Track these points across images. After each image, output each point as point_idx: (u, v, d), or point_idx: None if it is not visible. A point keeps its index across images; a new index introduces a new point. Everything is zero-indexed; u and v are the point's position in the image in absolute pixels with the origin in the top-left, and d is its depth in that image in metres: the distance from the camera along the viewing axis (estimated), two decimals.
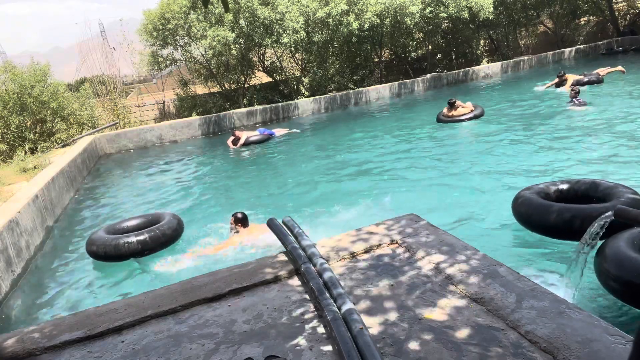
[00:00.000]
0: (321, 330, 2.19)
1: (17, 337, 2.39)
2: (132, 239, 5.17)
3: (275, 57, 18.93)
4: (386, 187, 7.12)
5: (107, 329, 2.38)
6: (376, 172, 7.97)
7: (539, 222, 4.33)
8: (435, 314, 2.21)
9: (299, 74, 18.63)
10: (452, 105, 11.19)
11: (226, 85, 17.79)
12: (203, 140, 14.30)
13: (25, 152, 11.34)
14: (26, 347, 2.30)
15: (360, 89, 17.73)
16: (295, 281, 2.70)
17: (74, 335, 2.35)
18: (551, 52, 22.28)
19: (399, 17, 17.65)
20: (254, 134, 12.05)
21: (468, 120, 10.86)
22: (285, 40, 15.35)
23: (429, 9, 17.78)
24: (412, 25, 18.05)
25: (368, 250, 2.94)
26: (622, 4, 25.92)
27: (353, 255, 2.90)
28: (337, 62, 18.71)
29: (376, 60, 20.72)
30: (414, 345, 2.00)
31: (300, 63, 18.87)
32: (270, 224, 3.36)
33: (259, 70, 18.59)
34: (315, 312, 2.34)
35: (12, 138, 12.52)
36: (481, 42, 23.60)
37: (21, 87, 12.52)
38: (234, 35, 14.72)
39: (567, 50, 22.50)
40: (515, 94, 14.21)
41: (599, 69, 13.92)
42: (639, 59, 18.70)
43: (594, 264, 3.51)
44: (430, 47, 21.94)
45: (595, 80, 13.23)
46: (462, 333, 2.05)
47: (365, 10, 16.53)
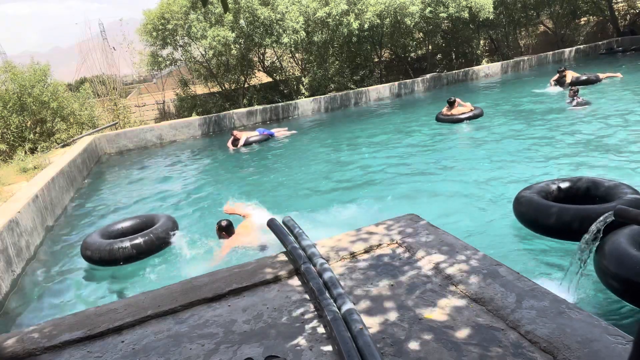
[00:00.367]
0: (321, 330, 2.19)
1: (17, 337, 2.39)
2: (127, 243, 5.13)
3: (275, 57, 18.93)
4: (386, 186, 7.12)
5: (107, 329, 2.38)
6: (376, 172, 7.97)
7: (541, 223, 4.31)
8: (435, 314, 2.21)
9: (299, 74, 18.63)
10: (451, 104, 11.19)
11: (226, 85, 17.79)
12: (203, 140, 14.29)
13: (25, 152, 11.34)
14: (26, 347, 2.30)
15: (360, 89, 17.73)
16: (295, 281, 2.70)
17: (74, 335, 2.35)
18: (551, 52, 22.28)
19: (399, 17, 17.65)
20: (254, 135, 12.04)
21: (467, 119, 10.86)
22: (285, 40, 15.35)
23: (429, 9, 17.78)
24: (412, 25, 18.05)
25: (368, 250, 2.94)
26: (622, 4, 25.92)
27: (353, 255, 2.90)
28: (337, 62, 18.71)
29: (376, 60, 20.72)
30: (414, 345, 2.00)
31: (300, 63, 18.87)
32: (270, 224, 3.36)
33: (259, 70, 18.60)
34: (315, 312, 2.34)
35: (12, 138, 12.52)
36: (481, 42, 23.60)
37: (21, 87, 12.52)
38: (234, 35, 14.72)
39: (567, 50, 22.50)
40: (515, 94, 14.21)
41: (599, 73, 13.91)
42: (639, 59, 18.69)
43: (594, 261, 3.50)
44: (430, 47, 21.94)
45: (594, 80, 13.23)
46: (462, 333, 2.05)
47: (365, 10, 16.53)
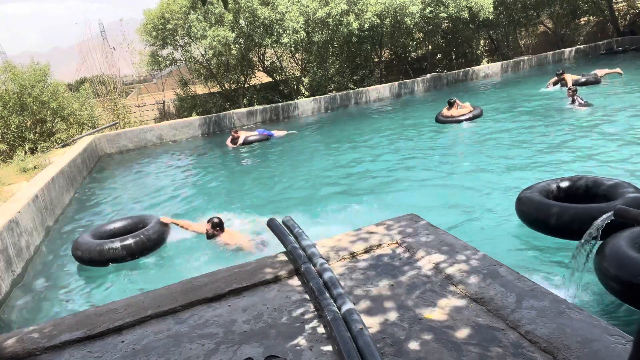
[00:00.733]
0: (321, 330, 2.19)
1: (17, 337, 2.39)
2: (117, 244, 5.16)
3: (275, 57, 18.93)
4: (386, 187, 7.12)
5: (107, 329, 2.38)
6: (376, 172, 7.96)
7: (543, 222, 4.30)
8: (435, 314, 2.21)
9: (299, 74, 18.63)
10: (451, 105, 11.20)
11: (226, 85, 17.79)
12: (203, 140, 14.29)
13: (25, 152, 11.34)
14: (26, 347, 2.30)
15: (360, 89, 17.73)
16: (295, 281, 2.70)
17: (74, 335, 2.35)
18: (551, 52, 22.28)
19: (399, 17, 17.64)
20: (253, 134, 12.05)
21: (467, 120, 10.86)
22: (285, 40, 15.35)
23: (429, 9, 17.78)
24: (412, 25, 18.05)
25: (368, 250, 2.94)
26: (622, 4, 25.92)
27: (353, 255, 2.90)
28: (337, 62, 18.70)
29: (376, 60, 20.72)
30: (414, 345, 2.00)
31: (300, 63, 18.87)
32: (270, 224, 3.36)
33: (259, 70, 18.60)
34: (315, 312, 2.34)
35: (12, 138, 12.52)
36: (481, 42, 23.60)
37: (21, 87, 12.52)
38: (234, 35, 14.72)
39: (567, 50, 22.50)
40: (515, 94, 14.20)
41: (597, 70, 13.93)
42: (639, 59, 18.69)
43: (594, 263, 3.49)
44: (430, 47, 21.94)
45: (593, 81, 13.23)
46: (462, 333, 2.04)
47: (365, 10, 16.53)
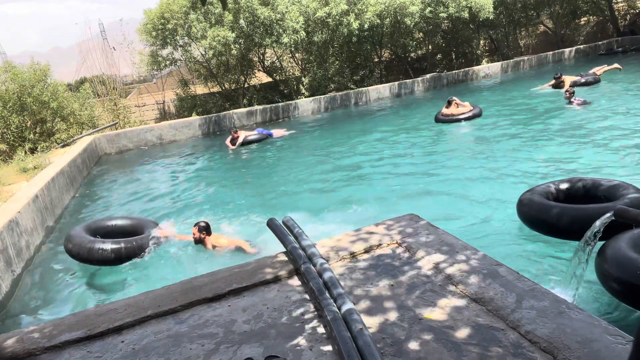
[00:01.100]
0: (321, 330, 2.19)
1: (17, 337, 2.39)
2: (108, 246, 5.04)
3: (275, 57, 18.93)
4: (386, 187, 7.12)
5: (107, 329, 2.38)
6: (376, 172, 7.96)
7: (545, 223, 4.30)
8: (435, 314, 2.21)
9: (299, 74, 18.63)
10: (450, 103, 11.20)
11: (226, 85, 17.79)
12: (203, 140, 14.29)
13: (25, 152, 11.34)
14: (26, 347, 2.30)
15: (360, 89, 17.73)
16: (295, 281, 2.70)
17: (74, 335, 2.35)
18: (551, 52, 22.28)
19: (399, 17, 17.65)
20: (252, 134, 12.05)
21: (466, 119, 10.87)
22: (285, 40, 15.35)
23: (429, 9, 17.78)
24: (412, 25, 18.05)
25: (368, 250, 2.94)
26: (622, 4, 25.92)
27: (353, 255, 2.89)
28: (337, 62, 18.70)
29: (376, 60, 20.72)
30: (414, 345, 2.00)
31: (300, 63, 18.87)
32: (270, 224, 3.36)
33: (259, 70, 18.60)
34: (315, 312, 2.34)
35: (12, 138, 12.52)
36: (481, 42, 23.60)
37: (21, 87, 12.53)
38: (234, 35, 14.72)
39: (567, 50, 22.50)
40: (515, 94, 14.21)
41: (595, 68, 13.91)
42: (639, 58, 18.69)
43: (595, 264, 3.49)
44: (430, 47, 21.93)
45: (592, 81, 13.21)
46: (462, 333, 2.04)
47: (365, 10, 16.53)
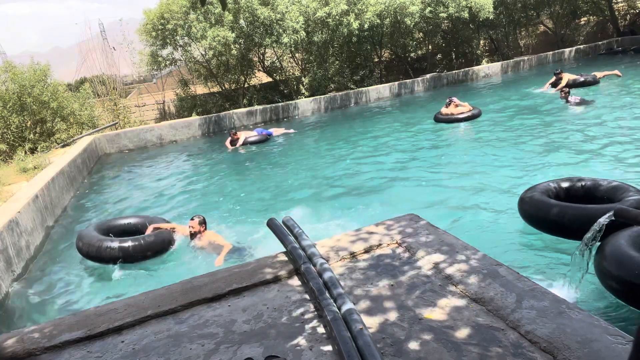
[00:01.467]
0: (321, 330, 2.19)
1: (17, 337, 2.39)
2: (115, 244, 5.05)
3: (275, 57, 18.92)
4: (386, 186, 7.12)
5: (107, 329, 2.38)
6: (376, 172, 7.96)
7: (546, 221, 4.30)
8: (435, 314, 2.21)
9: (299, 74, 18.62)
10: (450, 104, 11.21)
11: (226, 85, 17.79)
12: (203, 140, 14.29)
13: (25, 152, 11.34)
14: (26, 347, 2.30)
15: (360, 89, 17.72)
16: (295, 281, 2.70)
17: (74, 335, 2.35)
18: (551, 52, 22.27)
19: (399, 17, 17.64)
20: (252, 134, 12.04)
21: (466, 120, 10.87)
22: (285, 40, 15.34)
23: (429, 9, 17.77)
24: (412, 25, 18.04)
25: (368, 250, 2.94)
26: (622, 4, 25.92)
27: (353, 255, 2.89)
28: (337, 62, 18.70)
29: (376, 60, 20.71)
30: (414, 345, 2.00)
31: (300, 63, 18.86)
32: (270, 223, 3.36)
33: (259, 70, 18.59)
34: (315, 312, 2.34)
35: (12, 138, 12.52)
36: (481, 42, 23.59)
37: (21, 87, 12.52)
38: (234, 35, 14.71)
39: (567, 50, 22.49)
40: (515, 94, 14.21)
41: (596, 72, 13.92)
42: (639, 59, 18.70)
43: (594, 263, 3.49)
44: (430, 47, 21.93)
45: (592, 81, 13.24)
46: (462, 333, 2.04)
47: (365, 10, 16.52)
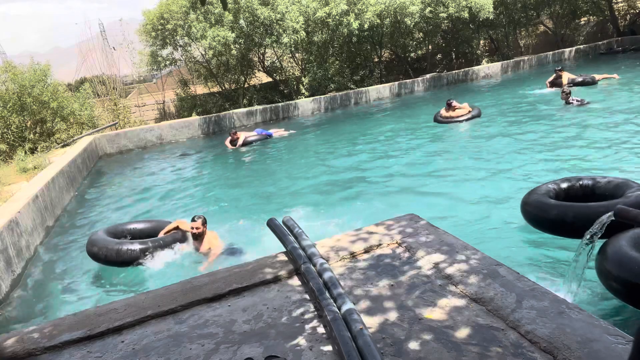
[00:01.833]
0: (321, 330, 2.19)
1: (17, 337, 2.39)
2: (136, 246, 5.02)
3: (275, 57, 18.93)
4: (386, 187, 7.12)
5: (107, 329, 2.38)
6: (375, 172, 7.96)
7: (549, 222, 4.28)
8: (435, 314, 2.21)
9: (299, 74, 18.63)
10: (449, 105, 11.20)
11: (226, 85, 17.79)
12: (203, 140, 14.30)
13: (25, 152, 11.33)
14: (26, 347, 2.30)
15: (360, 88, 17.73)
16: (295, 281, 2.69)
17: (74, 335, 2.35)
18: (551, 52, 22.28)
19: (399, 17, 17.64)
20: (252, 134, 12.05)
21: (466, 120, 10.87)
22: (285, 40, 15.35)
23: (429, 9, 17.78)
24: (412, 25, 18.05)
25: (368, 250, 2.94)
26: (622, 4, 25.92)
27: (353, 255, 2.89)
28: (337, 62, 18.70)
29: (376, 60, 20.72)
30: (414, 345, 2.00)
31: (300, 63, 18.86)
32: (270, 223, 3.36)
33: (259, 70, 18.60)
34: (315, 312, 2.34)
35: (12, 138, 12.52)
36: (481, 42, 23.59)
37: (21, 87, 12.52)
38: (234, 35, 14.72)
39: (567, 50, 22.50)
40: (514, 94, 14.21)
41: (595, 75, 13.94)
42: (638, 59, 18.70)
43: (595, 263, 3.48)
44: (430, 47, 21.93)
45: (590, 81, 13.28)
46: (462, 333, 2.04)
47: (365, 10, 16.53)
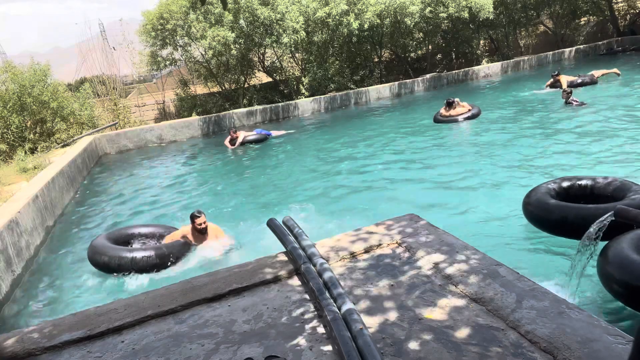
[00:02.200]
0: (321, 330, 2.19)
1: (17, 337, 2.39)
2: (152, 252, 4.89)
3: (275, 57, 18.92)
4: (386, 186, 7.12)
5: (107, 329, 2.38)
6: (376, 172, 7.96)
7: (550, 222, 4.28)
8: (435, 314, 2.21)
9: (299, 74, 18.62)
10: (449, 105, 11.20)
11: (226, 85, 17.79)
12: (203, 140, 14.29)
13: (25, 152, 11.33)
14: (26, 347, 2.30)
15: (360, 89, 17.72)
16: (295, 281, 2.69)
17: (74, 335, 2.35)
18: (551, 52, 22.28)
19: (399, 17, 17.64)
20: (252, 134, 12.04)
21: (465, 120, 10.87)
22: (285, 40, 15.34)
23: (429, 9, 17.78)
24: (412, 25, 18.05)
25: (368, 250, 2.94)
26: (622, 4, 25.91)
27: (353, 255, 2.89)
28: (337, 62, 18.70)
29: (376, 60, 20.71)
30: (414, 345, 2.00)
31: (300, 63, 18.86)
32: (270, 223, 3.36)
33: (259, 70, 18.60)
34: (315, 312, 2.34)
35: (12, 138, 12.52)
36: (481, 42, 23.59)
37: (21, 87, 12.52)
38: (233, 35, 14.71)
39: (567, 50, 22.50)
40: (514, 94, 14.21)
41: (594, 71, 13.94)
42: (638, 58, 18.70)
43: (597, 266, 3.46)
44: (430, 47, 21.93)
45: (589, 82, 13.26)
46: (462, 333, 2.04)
47: (365, 10, 16.53)
